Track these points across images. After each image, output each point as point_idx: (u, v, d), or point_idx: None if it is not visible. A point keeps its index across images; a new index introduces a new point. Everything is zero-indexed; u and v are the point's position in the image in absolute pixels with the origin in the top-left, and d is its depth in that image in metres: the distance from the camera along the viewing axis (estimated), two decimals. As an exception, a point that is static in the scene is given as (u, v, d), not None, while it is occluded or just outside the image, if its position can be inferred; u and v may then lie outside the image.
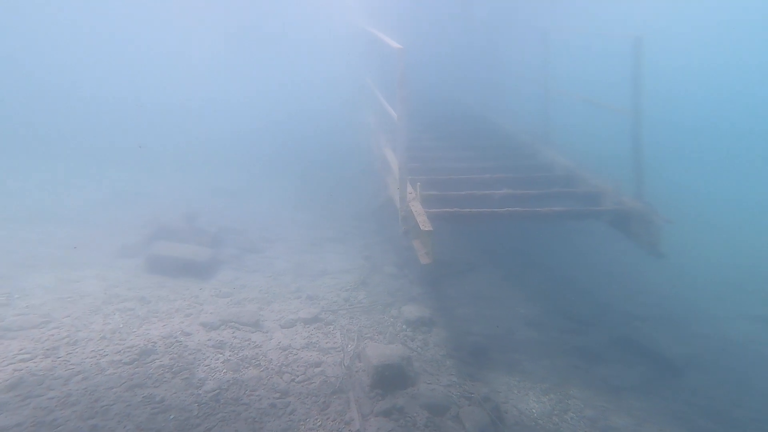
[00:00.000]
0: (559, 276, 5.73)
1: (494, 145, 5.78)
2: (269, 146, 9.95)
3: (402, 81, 3.55)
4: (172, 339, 3.48)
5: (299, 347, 3.54)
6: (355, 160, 8.47)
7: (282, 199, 7.87)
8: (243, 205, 7.44)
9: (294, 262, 5.34)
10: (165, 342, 3.44)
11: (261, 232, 6.26)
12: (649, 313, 5.11)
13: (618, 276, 6.00)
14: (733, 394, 3.69)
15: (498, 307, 4.89)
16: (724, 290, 5.89)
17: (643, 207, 3.44)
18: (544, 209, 3.57)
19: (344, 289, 4.68)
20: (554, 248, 6.31)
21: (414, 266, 5.35)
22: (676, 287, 5.85)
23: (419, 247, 3.42)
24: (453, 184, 4.30)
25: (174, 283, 4.53)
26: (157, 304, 4.07)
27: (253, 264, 5.21)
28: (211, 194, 7.88)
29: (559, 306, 5.02)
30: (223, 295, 4.36)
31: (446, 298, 4.90)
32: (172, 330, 3.62)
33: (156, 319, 3.80)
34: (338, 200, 7.74)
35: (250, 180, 8.75)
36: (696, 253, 6.52)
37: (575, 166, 4.48)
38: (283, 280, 4.82)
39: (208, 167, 9.19)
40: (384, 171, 5.11)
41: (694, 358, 4.12)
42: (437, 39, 8.32)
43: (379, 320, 4.13)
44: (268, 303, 4.26)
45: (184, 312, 3.96)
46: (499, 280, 5.46)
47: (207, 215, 6.55)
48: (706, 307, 5.42)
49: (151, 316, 3.85)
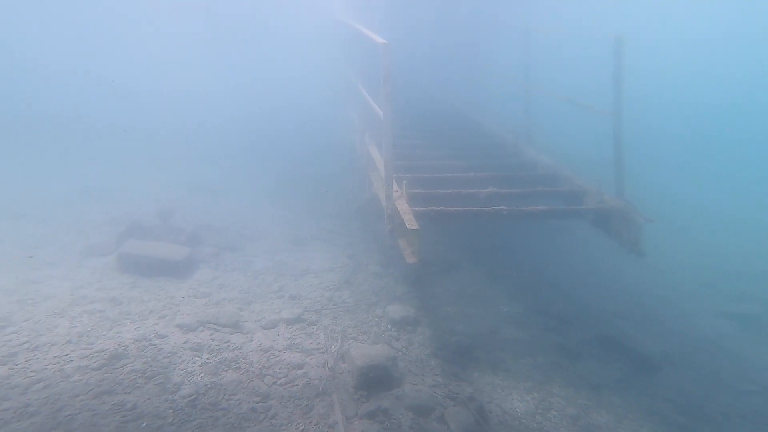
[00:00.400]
0: (540, 274, 5.79)
1: (478, 144, 5.78)
2: (249, 141, 9.70)
3: (387, 77, 3.48)
4: (145, 342, 3.32)
5: (281, 349, 3.43)
6: (338, 157, 8.36)
7: (262, 195, 7.67)
8: (221, 202, 7.22)
9: (275, 260, 5.20)
10: (138, 345, 3.27)
11: (241, 229, 6.08)
12: (625, 311, 5.22)
13: (597, 274, 6.12)
14: (706, 390, 3.80)
15: (481, 305, 4.90)
16: (695, 288, 6.09)
17: (624, 206, 3.49)
18: (529, 208, 3.58)
19: (328, 288, 4.59)
20: (536, 247, 6.38)
21: (398, 265, 5.30)
22: (650, 286, 6.01)
23: (405, 246, 3.36)
24: (438, 182, 4.27)
25: (148, 284, 4.33)
26: (130, 306, 3.88)
27: (232, 263, 5.05)
28: (187, 190, 7.61)
29: (540, 304, 5.07)
30: (200, 295, 4.20)
31: (430, 297, 4.87)
32: (146, 332, 3.45)
33: (128, 322, 3.61)
34: (321, 197, 7.61)
35: (229, 176, 8.50)
36: (669, 253, 6.73)
37: (558, 165, 4.52)
38: (265, 279, 4.68)
39: (183, 162, 8.87)
40: (368, 168, 5.03)
41: (669, 354, 4.22)
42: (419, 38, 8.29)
43: (363, 320, 4.06)
44: (248, 303, 4.13)
45: (159, 313, 3.79)
46: (482, 279, 5.47)
47: (183, 212, 6.32)
48: (679, 304, 5.59)
49: (122, 318, 3.67)
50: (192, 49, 10.67)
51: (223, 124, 10.05)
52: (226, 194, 7.64)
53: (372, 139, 5.12)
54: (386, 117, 3.55)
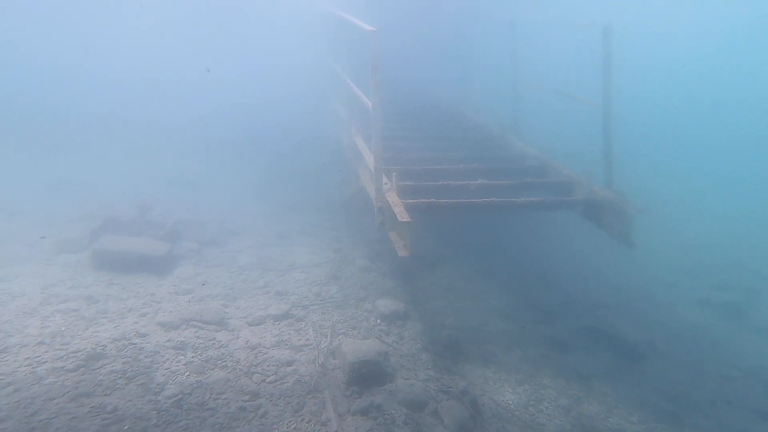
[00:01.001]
0: (528, 267, 5.82)
1: (465, 136, 5.75)
2: (232, 134, 9.44)
3: (376, 66, 3.40)
4: (125, 341, 3.17)
5: (269, 345, 3.33)
6: (323, 151, 8.22)
7: (246, 189, 7.48)
8: (203, 196, 7.00)
9: (260, 255, 5.07)
10: (117, 345, 3.12)
11: (223, 224, 5.91)
12: (611, 302, 5.30)
13: (582, 266, 6.20)
14: (692, 378, 3.88)
15: (470, 299, 4.89)
16: (676, 278, 6.23)
17: (614, 196, 3.50)
18: (521, 200, 3.57)
19: (315, 283, 4.49)
20: (523, 239, 6.42)
21: (386, 259, 5.24)
22: (633, 276, 6.13)
23: (396, 239, 3.30)
24: (427, 174, 4.21)
25: (126, 280, 4.15)
26: (107, 304, 3.70)
27: (215, 258, 4.89)
28: (167, 184, 7.34)
29: (528, 297, 5.10)
30: (182, 292, 4.05)
31: (419, 291, 4.84)
32: (125, 331, 3.29)
33: (105, 320, 3.45)
34: (306, 191, 7.46)
35: (211, 169, 8.25)
36: (650, 244, 6.87)
37: (546, 157, 4.53)
38: (250, 274, 4.55)
39: (163, 154, 8.56)
40: (355, 161, 4.94)
41: (654, 343, 4.30)
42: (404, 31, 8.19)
43: (352, 315, 3.99)
44: (233, 299, 4.00)
45: (139, 311, 3.63)
46: (470, 272, 5.47)
47: (163, 206, 6.09)
48: (661, 294, 5.71)
49: (99, 317, 3.49)
50: (173, 38, 10.27)
51: (205, 117, 9.74)
52: (208, 188, 7.42)
53: (359, 132, 5.03)
54: (375, 108, 3.46)
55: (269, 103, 10.07)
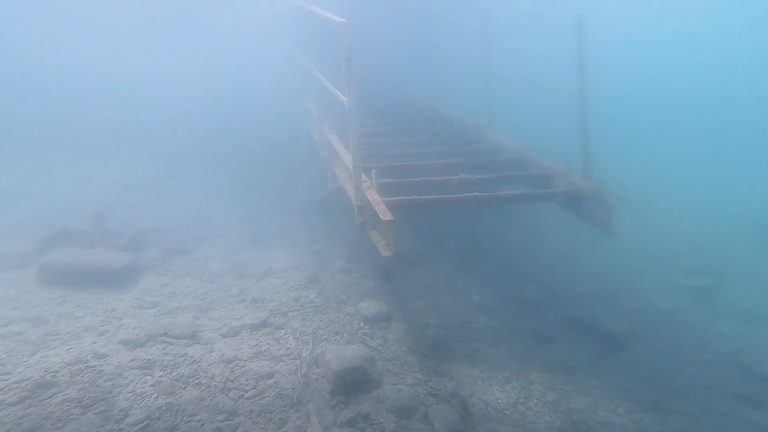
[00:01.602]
0: (507, 261, 5.82)
1: (441, 131, 5.68)
2: (197, 134, 9.00)
3: (349, 59, 3.24)
4: (80, 365, 2.88)
5: (247, 358, 3.12)
6: (296, 150, 7.97)
7: (214, 192, 7.13)
8: (167, 201, 6.61)
9: (233, 261, 4.81)
10: (70, 370, 2.83)
11: (191, 230, 5.59)
12: (589, 292, 5.36)
13: (560, 257, 6.26)
14: (671, 364, 3.94)
15: (452, 295, 4.83)
16: (648, 266, 6.38)
17: (594, 187, 3.49)
18: (502, 193, 3.50)
19: (293, 288, 4.29)
20: (501, 233, 6.42)
21: (366, 259, 5.11)
22: (608, 265, 6.24)
23: (378, 239, 3.16)
24: (406, 170, 4.10)
25: (81, 297, 3.81)
26: (58, 324, 3.38)
27: (183, 267, 4.60)
28: (125, 189, 6.87)
29: (509, 290, 5.09)
30: (148, 305, 3.76)
31: (401, 291, 4.73)
32: (81, 354, 3.00)
33: (57, 343, 3.13)
34: (279, 192, 7.20)
35: (174, 172, 7.81)
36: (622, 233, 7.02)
37: (523, 149, 4.50)
38: (222, 282, 4.30)
39: (120, 157, 8.03)
40: (331, 159, 4.76)
41: (634, 332, 4.35)
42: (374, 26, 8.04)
43: (334, 319, 3.83)
44: (205, 310, 3.75)
45: (97, 330, 3.33)
46: (450, 269, 5.41)
47: (123, 214, 5.71)
48: (635, 282, 5.83)
49: (49, 339, 3.18)
50: (131, 33, 9.61)
51: (167, 116, 9.23)
52: (172, 192, 7.02)
53: (333, 129, 4.85)
54: (350, 103, 3.32)
55: (237, 102, 9.70)
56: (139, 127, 8.88)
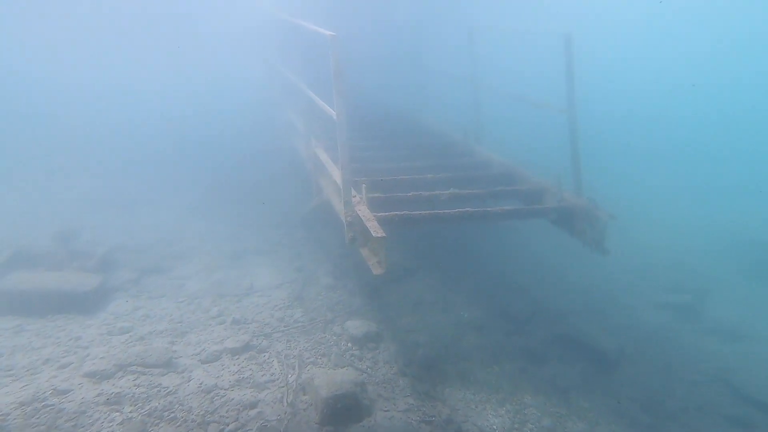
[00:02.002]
0: (494, 275, 5.79)
1: (428, 144, 5.65)
2: (170, 147, 8.69)
3: (338, 72, 3.17)
4: (37, 404, 2.61)
5: (228, 386, 2.92)
6: (278, 162, 7.80)
7: (190, 207, 6.84)
8: (139, 217, 6.27)
9: (212, 280, 4.58)
10: (25, 411, 2.55)
11: (166, 247, 5.31)
12: (576, 308, 5.37)
13: (546, 272, 6.28)
14: (662, 384, 3.94)
15: (441, 313, 4.75)
16: (631, 281, 6.47)
17: (586, 203, 3.49)
18: (495, 209, 3.46)
19: (277, 307, 4.11)
20: (486, 248, 6.40)
21: (351, 275, 4.98)
22: (593, 280, 6.29)
23: (369, 256, 3.05)
24: (396, 185, 4.02)
25: (41, 325, 3.51)
26: (12, 358, 3.08)
27: (158, 288, 4.33)
28: (92, 206, 6.43)
29: (498, 307, 5.05)
30: (118, 331, 3.50)
31: (389, 308, 4.62)
32: (39, 390, 2.72)
33: (10, 380, 2.85)
34: (259, 207, 7.00)
35: (146, 188, 7.43)
36: None
37: (512, 164, 4.50)
38: (201, 303, 4.07)
39: (85, 172, 7.57)
40: (317, 173, 4.65)
41: (623, 350, 4.35)
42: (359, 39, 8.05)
43: (320, 340, 3.67)
44: (182, 334, 3.52)
45: (59, 362, 3.05)
46: (438, 285, 5.33)
47: (91, 232, 5.35)
48: (620, 298, 5.89)
49: (1, 375, 2.89)
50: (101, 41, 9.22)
51: (137, 127, 8.87)
52: (144, 208, 6.67)
53: (319, 143, 4.75)
54: (340, 116, 3.23)
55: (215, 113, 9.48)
56: (108, 139, 8.50)
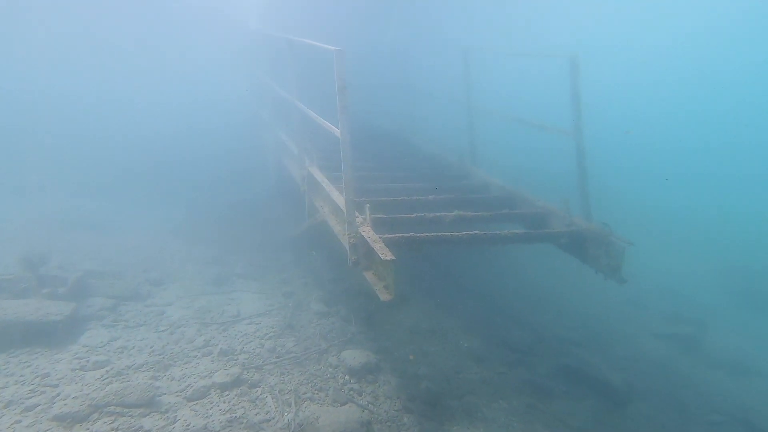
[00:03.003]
0: (490, 302, 5.69)
1: (422, 166, 5.62)
2: (148, 166, 8.40)
3: (342, 87, 3.10)
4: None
5: (219, 427, 2.65)
6: (264, 183, 7.62)
7: (170, 229, 6.55)
8: (115, 240, 5.94)
9: (195, 307, 4.30)
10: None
11: (145, 272, 5.00)
12: (577, 337, 5.29)
13: (542, 298, 6.22)
14: (679, 425, 3.83)
15: (439, 341, 4.59)
16: (629, 309, 6.47)
17: (600, 229, 3.45)
18: (504, 232, 3.38)
19: (267, 336, 3.86)
20: (478, 273, 6.32)
21: (344, 301, 4.78)
22: (589, 307, 6.26)
23: (375, 281, 2.90)
24: (398, 206, 3.92)
25: (2, 361, 3.17)
26: None
27: (137, 316, 4.01)
28: (65, 227, 6.09)
29: (497, 335, 4.92)
30: (92, 366, 3.17)
31: (384, 337, 4.42)
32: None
33: None
34: (243, 228, 6.76)
35: (123, 208, 7.12)
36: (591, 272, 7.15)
37: (512, 187, 4.48)
38: (184, 332, 3.78)
39: (54, 192, 7.18)
40: (312, 193, 4.51)
41: (632, 384, 4.26)
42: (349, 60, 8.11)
43: (316, 372, 3.44)
44: (165, 368, 3.23)
45: (23, 404, 2.72)
46: (433, 311, 5.19)
47: (61, 256, 5.01)
48: (619, 327, 5.85)
49: None
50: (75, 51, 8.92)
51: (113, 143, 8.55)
52: (121, 231, 6.33)
53: (314, 162, 4.64)
54: (344, 134, 3.14)
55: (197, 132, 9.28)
56: (82, 155, 8.15)
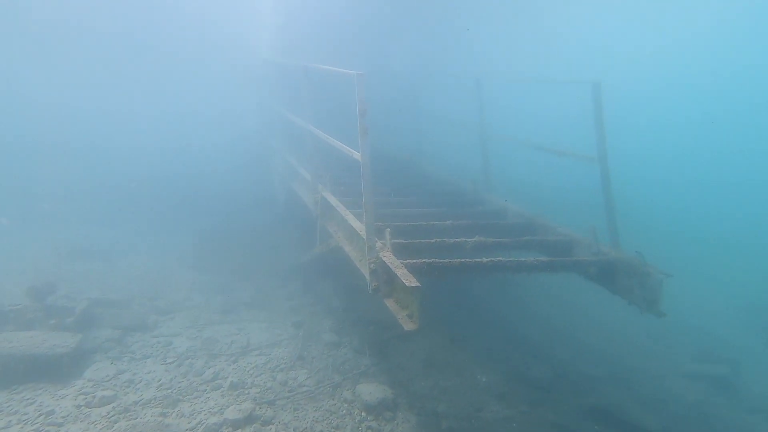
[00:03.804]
0: (505, 332, 5.52)
1: (436, 191, 5.60)
2: (156, 193, 8.40)
3: (363, 111, 3.11)
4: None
5: (231, 468, 2.49)
6: (271, 209, 7.59)
7: (177, 257, 6.47)
8: (121, 269, 5.84)
9: (203, 338, 4.16)
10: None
11: (152, 301, 4.89)
12: (601, 374, 5.08)
13: (558, 329, 6.02)
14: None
15: (456, 375, 4.41)
16: (652, 344, 6.24)
17: (633, 258, 3.32)
18: (530, 260, 3.29)
19: (278, 368, 3.71)
20: (490, 302, 6.16)
21: (355, 331, 4.65)
22: (609, 341, 6.05)
23: (396, 309, 2.79)
24: (417, 231, 3.86)
25: (4, 399, 3.05)
26: None
27: (144, 347, 3.89)
28: (71, 257, 6.03)
29: (516, 369, 4.74)
30: (99, 402, 3.04)
31: (398, 369, 4.27)
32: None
33: None
34: (251, 256, 6.67)
35: (129, 236, 7.05)
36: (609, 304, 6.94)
37: (530, 214, 4.42)
38: (193, 365, 3.64)
39: (64, 220, 7.15)
40: (324, 218, 4.46)
41: (668, 429, 4.03)
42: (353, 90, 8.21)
43: (331, 408, 3.27)
44: (174, 403, 3.08)
45: None
46: (445, 341, 5.03)
47: (68, 285, 4.92)
48: (644, 364, 5.62)
49: None
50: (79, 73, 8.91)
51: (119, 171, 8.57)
52: (127, 258, 6.26)
53: (326, 187, 4.62)
54: (364, 157, 3.14)
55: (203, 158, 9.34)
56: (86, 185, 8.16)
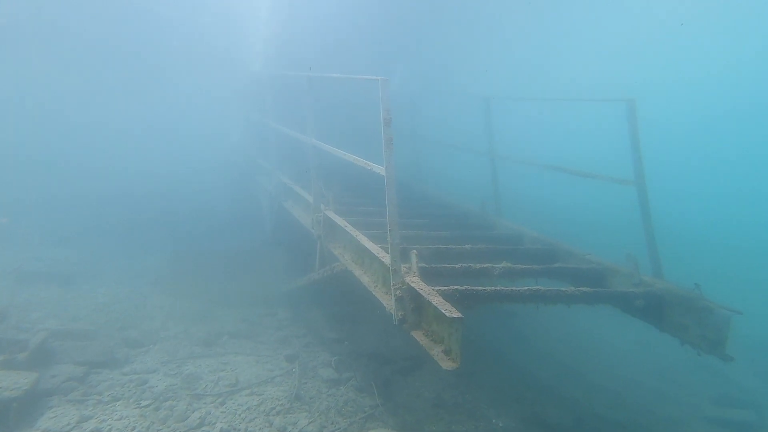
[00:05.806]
0: (515, 370, 5.20)
1: (445, 215, 5.38)
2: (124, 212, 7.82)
3: (388, 120, 2.86)
4: None
5: None
6: (257, 230, 7.15)
7: (150, 281, 5.89)
8: (84, 295, 5.22)
9: (183, 374, 3.64)
10: None
11: (120, 331, 4.33)
12: (619, 418, 4.81)
13: (569, 367, 5.74)
14: None
15: (468, 418, 4.07)
16: (666, 388, 6.00)
17: (686, 291, 3.03)
18: (571, 290, 3.01)
19: (274, 411, 3.25)
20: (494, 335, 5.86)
21: (354, 366, 4.24)
22: (620, 382, 5.80)
23: (429, 344, 2.43)
24: (439, 255, 3.55)
25: None
26: None
27: (112, 387, 3.34)
28: (22, 281, 5.39)
29: (532, 412, 4.42)
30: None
31: (405, 411, 3.90)
32: None
33: None
34: (234, 280, 6.17)
35: (96, 257, 6.42)
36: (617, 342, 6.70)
37: (552, 239, 4.19)
38: (174, 408, 3.13)
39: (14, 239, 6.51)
40: (328, 238, 4.09)
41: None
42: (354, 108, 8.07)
43: (341, 462, 2.83)
44: (154, 456, 2.58)
45: None
46: (453, 379, 4.67)
47: (20, 313, 4.35)
48: (661, 408, 5.38)
49: None
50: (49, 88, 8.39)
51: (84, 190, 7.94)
52: (92, 282, 5.62)
53: (329, 206, 4.28)
54: (389, 170, 2.87)
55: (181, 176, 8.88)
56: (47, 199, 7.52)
